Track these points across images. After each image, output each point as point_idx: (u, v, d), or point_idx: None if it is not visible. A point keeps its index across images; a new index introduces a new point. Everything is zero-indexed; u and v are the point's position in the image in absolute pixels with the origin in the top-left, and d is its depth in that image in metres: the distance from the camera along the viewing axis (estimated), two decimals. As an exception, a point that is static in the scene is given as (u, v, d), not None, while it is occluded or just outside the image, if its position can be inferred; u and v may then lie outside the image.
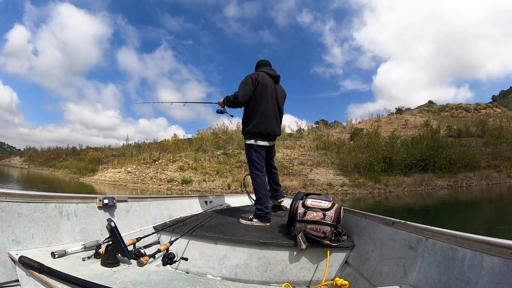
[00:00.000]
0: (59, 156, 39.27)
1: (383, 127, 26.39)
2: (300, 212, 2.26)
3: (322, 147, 23.40)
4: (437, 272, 1.28)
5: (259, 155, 3.16)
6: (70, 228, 1.81)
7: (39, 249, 1.53)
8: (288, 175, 19.05)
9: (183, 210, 3.32)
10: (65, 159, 36.54)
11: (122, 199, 2.34)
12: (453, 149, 19.07)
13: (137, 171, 21.85)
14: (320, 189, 17.21)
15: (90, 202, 2.04)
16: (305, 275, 2.16)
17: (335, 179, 18.36)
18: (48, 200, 1.71)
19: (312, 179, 18.38)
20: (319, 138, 25.17)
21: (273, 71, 3.32)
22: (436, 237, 1.40)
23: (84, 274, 1.25)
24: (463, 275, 1.14)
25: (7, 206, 1.48)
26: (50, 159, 39.12)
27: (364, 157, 18.70)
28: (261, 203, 3.05)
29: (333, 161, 20.80)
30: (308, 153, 22.87)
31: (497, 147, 20.38)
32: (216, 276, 2.19)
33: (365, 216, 2.36)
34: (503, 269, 0.99)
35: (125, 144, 32.14)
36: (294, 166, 20.30)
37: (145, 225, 2.42)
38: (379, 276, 1.70)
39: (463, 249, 1.19)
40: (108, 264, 1.42)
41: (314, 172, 19.37)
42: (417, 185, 16.91)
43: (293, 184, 17.53)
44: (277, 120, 3.27)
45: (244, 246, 2.22)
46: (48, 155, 42.13)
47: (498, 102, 44.66)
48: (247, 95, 3.12)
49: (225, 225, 2.81)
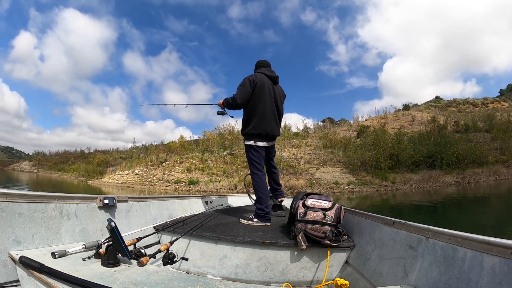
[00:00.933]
0: (67, 160, 39.71)
1: (390, 124, 26.14)
2: (301, 212, 2.27)
3: (329, 146, 23.33)
4: (438, 272, 1.28)
5: (259, 155, 3.19)
6: (71, 228, 1.82)
7: (40, 249, 1.54)
8: (295, 174, 19.06)
9: (183, 210, 3.33)
10: (73, 162, 36.91)
11: (123, 199, 2.35)
12: (460, 145, 18.84)
13: (144, 173, 22.06)
14: (326, 187, 17.17)
15: (91, 202, 2.05)
16: (305, 275, 2.17)
17: (342, 177, 18.29)
18: (49, 200, 1.72)
19: (319, 177, 18.35)
20: (325, 136, 25.08)
21: (272, 72, 3.34)
22: (436, 237, 1.40)
23: (85, 274, 1.25)
24: (463, 275, 1.14)
25: (8, 206, 1.49)
26: (58, 163, 39.59)
27: (370, 154, 18.54)
28: (262, 202, 3.08)
29: (339, 159, 20.74)
30: (314, 151, 22.84)
31: (505, 141, 20.02)
32: (217, 276, 2.20)
33: (366, 216, 2.37)
34: (503, 269, 0.99)
35: (133, 146, 32.50)
36: (300, 165, 20.29)
37: (145, 225, 2.42)
38: (379, 276, 1.71)
39: (463, 249, 1.20)
40: (109, 264, 1.43)
41: (321, 170, 19.35)
42: (424, 182, 16.72)
43: (299, 183, 17.50)
44: (276, 120, 3.29)
45: (244, 246, 2.23)
46: (57, 159, 42.58)
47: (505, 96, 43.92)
48: (245, 97, 3.15)
49: (226, 225, 2.82)
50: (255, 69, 3.44)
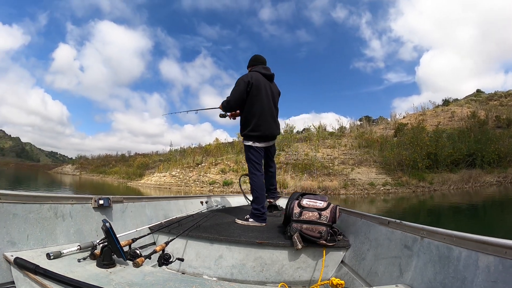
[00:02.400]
0: (108, 163, 41.85)
1: (429, 121, 25.10)
2: (296, 212, 2.27)
3: (365, 145, 22.88)
4: (433, 271, 1.28)
5: (258, 155, 3.18)
6: (66, 229, 1.80)
7: (34, 250, 1.53)
8: (328, 175, 18.88)
9: (178, 211, 3.32)
10: (114, 165, 38.89)
11: (118, 199, 2.35)
12: (502, 142, 17.65)
13: (181, 175, 22.93)
14: (360, 188, 16.89)
15: (85, 203, 2.03)
16: (301, 275, 2.16)
17: (377, 178, 17.88)
18: (43, 200, 1.71)
19: (353, 178, 18.05)
20: (361, 136, 24.56)
21: (267, 69, 3.30)
22: (431, 236, 1.40)
23: (80, 275, 1.24)
24: (458, 274, 1.15)
25: (2, 207, 1.48)
26: (100, 166, 41.73)
27: (407, 154, 17.88)
28: (258, 202, 3.05)
29: (375, 159, 20.31)
30: (349, 151, 22.52)
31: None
32: (212, 276, 2.20)
33: (361, 216, 2.35)
34: (498, 267, 1.00)
35: (171, 149, 33.69)
36: (334, 166, 20.06)
37: (140, 225, 2.39)
38: (375, 276, 1.70)
39: (458, 248, 1.20)
40: (104, 265, 1.41)
41: (356, 171, 19.02)
42: (464, 182, 15.85)
43: (333, 184, 17.35)
44: (274, 120, 3.27)
45: (240, 246, 2.23)
46: (98, 162, 44.95)
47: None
48: (239, 99, 3.13)
49: (221, 225, 2.82)
50: (250, 64, 3.40)
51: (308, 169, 20.01)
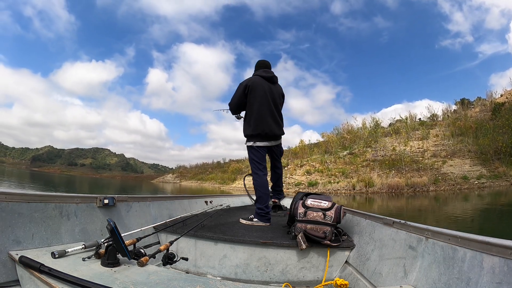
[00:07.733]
0: (205, 170, 45.02)
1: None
2: (300, 212, 2.27)
3: (458, 133, 20.64)
4: (437, 272, 1.27)
5: (259, 155, 3.21)
6: (70, 228, 1.81)
7: (39, 249, 1.53)
8: (418, 171, 17.70)
9: (183, 210, 3.30)
10: (211, 172, 41.63)
11: (122, 199, 2.34)
12: None
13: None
14: (452, 183, 15.59)
15: (90, 202, 2.03)
16: (305, 275, 2.15)
17: (471, 170, 16.41)
18: (48, 200, 1.71)
19: (445, 172, 16.78)
20: (454, 123, 22.18)
21: (268, 72, 3.37)
22: (436, 237, 1.39)
23: (84, 274, 1.24)
24: (463, 275, 1.14)
25: (7, 206, 1.48)
26: (198, 173, 45.13)
27: (503, 139, 15.68)
28: (262, 202, 3.07)
29: (469, 148, 18.40)
30: (441, 142, 20.71)
31: None
32: (216, 276, 2.19)
33: (365, 216, 2.36)
34: (503, 269, 0.99)
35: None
36: (425, 160, 18.76)
37: (145, 225, 2.36)
38: (379, 276, 1.69)
39: (463, 249, 1.19)
40: (108, 264, 1.41)
41: (448, 164, 17.65)
42: None
43: (422, 180, 16.26)
44: (275, 120, 3.29)
45: (244, 246, 2.22)
46: (196, 170, 48.78)
47: None
48: (237, 102, 3.30)
49: (225, 225, 2.82)
50: (254, 70, 3.50)
51: (396, 165, 18.87)
